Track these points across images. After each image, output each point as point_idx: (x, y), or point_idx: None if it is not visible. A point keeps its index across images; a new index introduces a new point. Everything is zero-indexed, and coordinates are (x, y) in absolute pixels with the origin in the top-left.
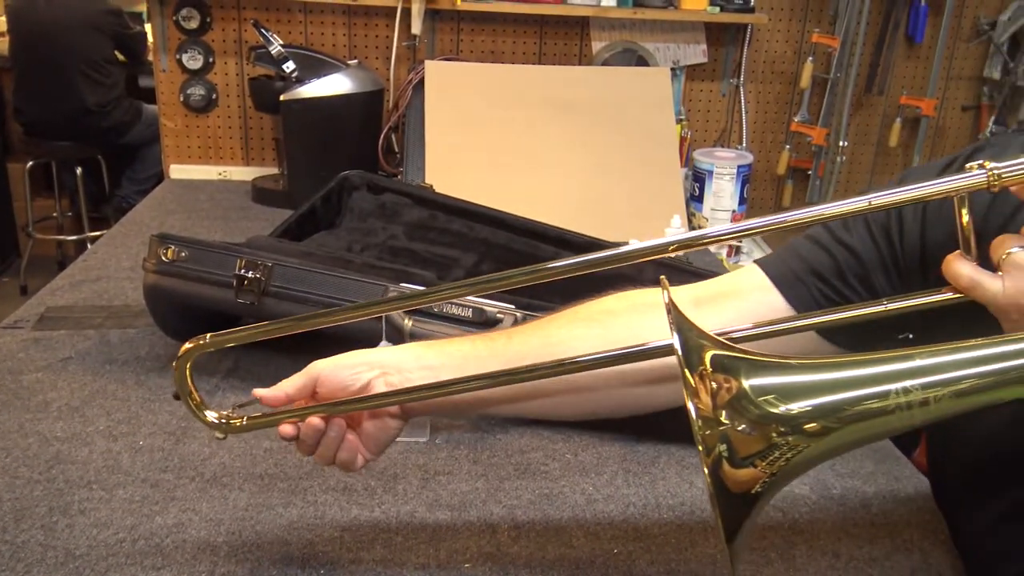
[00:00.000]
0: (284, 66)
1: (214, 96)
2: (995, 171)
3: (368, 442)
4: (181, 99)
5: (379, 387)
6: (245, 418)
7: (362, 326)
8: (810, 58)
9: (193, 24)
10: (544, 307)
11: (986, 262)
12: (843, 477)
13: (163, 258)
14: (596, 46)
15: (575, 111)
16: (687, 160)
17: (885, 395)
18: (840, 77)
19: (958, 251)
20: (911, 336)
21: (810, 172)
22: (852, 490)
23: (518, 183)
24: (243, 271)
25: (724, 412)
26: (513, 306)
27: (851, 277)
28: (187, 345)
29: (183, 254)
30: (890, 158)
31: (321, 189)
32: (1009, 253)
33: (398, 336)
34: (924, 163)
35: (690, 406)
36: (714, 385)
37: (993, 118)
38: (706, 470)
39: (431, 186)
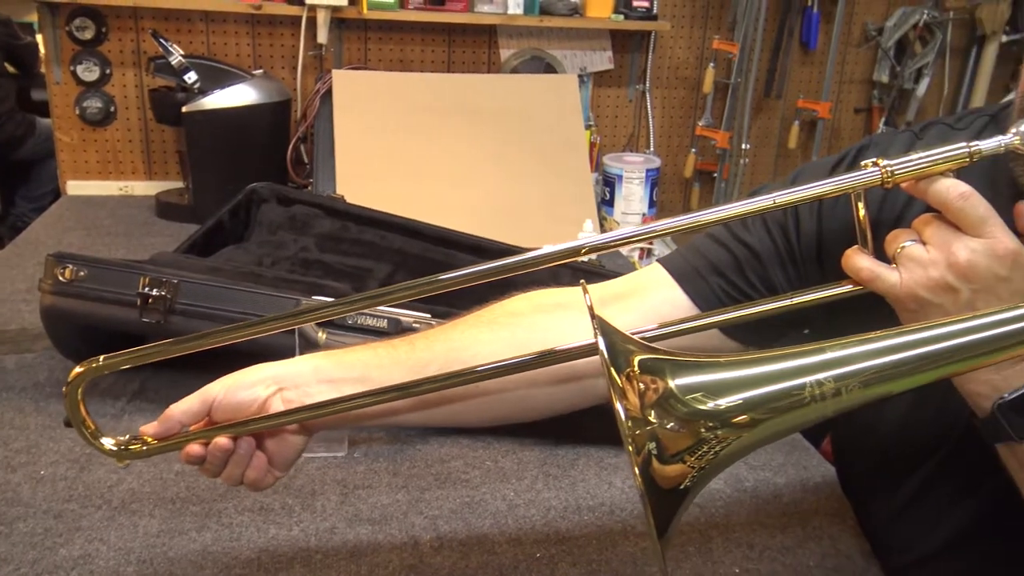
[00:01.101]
0: (185, 77)
1: (112, 108)
2: (888, 168)
3: (274, 459)
4: (77, 112)
5: (277, 405)
6: (144, 444)
7: (275, 341)
8: (712, 64)
9: (88, 34)
10: (460, 314)
11: (881, 255)
12: (755, 470)
13: (60, 278)
14: (504, 54)
15: (486, 119)
16: (597, 165)
17: (801, 388)
18: (740, 82)
19: (857, 246)
20: (806, 332)
21: (715, 174)
22: (764, 482)
23: (431, 192)
24: (147, 289)
25: (652, 412)
26: (429, 315)
27: (751, 273)
28: (77, 369)
29: (82, 273)
30: (790, 159)
31: (228, 202)
32: (903, 247)
33: (313, 350)
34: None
35: (618, 407)
36: (641, 386)
37: (884, 119)
38: (636, 469)
39: (342, 197)
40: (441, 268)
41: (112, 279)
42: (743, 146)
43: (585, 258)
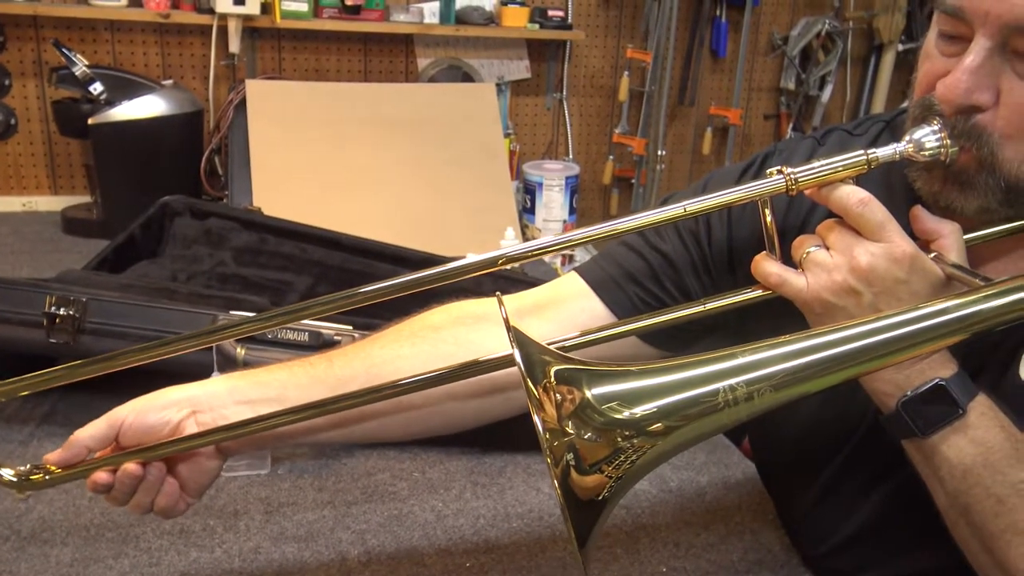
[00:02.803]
0: (91, 88)
1: (13, 121)
2: (792, 175)
3: (186, 485)
4: None
5: (191, 428)
6: (47, 473)
7: (192, 358)
8: (626, 72)
9: None
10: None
11: (788, 260)
12: (679, 469)
13: None
14: (422, 63)
15: (404, 128)
16: (517, 173)
17: (715, 393)
18: (655, 90)
19: (765, 251)
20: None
21: (633, 180)
22: (688, 481)
23: (350, 202)
24: (54, 308)
25: (570, 422)
26: (351, 327)
27: (666, 281)
28: None
29: None
30: (704, 165)
31: (140, 216)
32: (808, 252)
33: (232, 366)
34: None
35: (536, 419)
36: (558, 397)
37: (791, 125)
38: (556, 482)
39: (259, 209)
40: (363, 279)
41: (16, 299)
42: (659, 152)
43: (508, 267)
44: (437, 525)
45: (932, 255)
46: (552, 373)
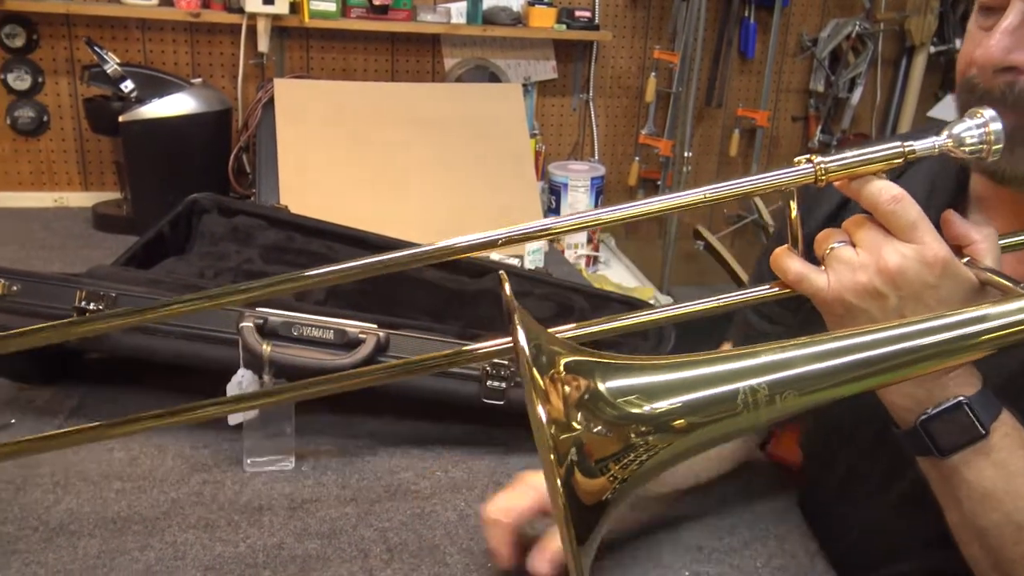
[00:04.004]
0: (122, 85)
1: (45, 118)
2: (822, 165)
3: None
4: (8, 122)
5: None
6: None
7: (218, 354)
8: (653, 73)
9: (18, 42)
10: (407, 324)
11: (812, 257)
12: None
13: None
14: (448, 63)
15: (430, 128)
16: (542, 174)
17: (734, 394)
18: (682, 91)
19: (787, 245)
20: None
21: (659, 182)
22: (711, 484)
23: (376, 201)
24: (83, 303)
25: (579, 414)
26: (376, 325)
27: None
28: None
29: (15, 288)
30: (731, 167)
31: (168, 213)
32: (832, 248)
33: (256, 363)
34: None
35: (540, 411)
36: (567, 389)
37: (820, 127)
38: (558, 480)
39: (286, 207)
40: (387, 277)
41: (47, 293)
42: (685, 154)
43: (531, 266)
44: (459, 524)
45: (965, 260)
46: (562, 363)
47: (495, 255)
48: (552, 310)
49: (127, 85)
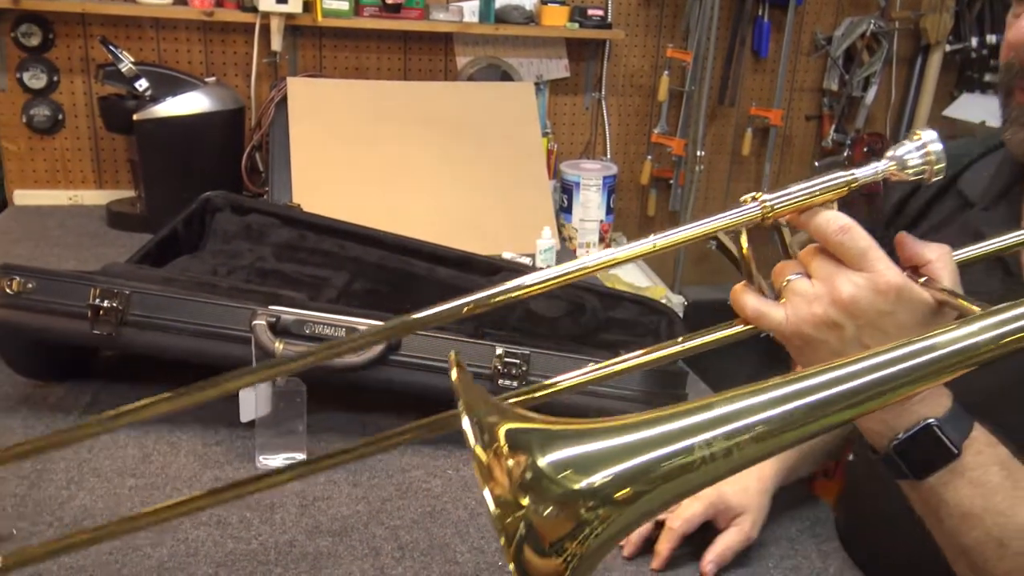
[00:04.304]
0: (136, 84)
1: (60, 116)
2: (767, 203)
3: None
4: (24, 120)
5: None
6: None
7: (230, 352)
8: (666, 72)
9: (34, 41)
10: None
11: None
12: None
13: (8, 290)
14: (461, 61)
15: (443, 126)
16: (555, 172)
17: (690, 450)
18: (694, 90)
19: (743, 282)
20: None
21: (671, 181)
22: None
23: (388, 200)
24: (98, 300)
25: (526, 496)
26: (384, 323)
27: None
28: None
29: (30, 285)
30: (744, 166)
31: (182, 211)
32: (788, 280)
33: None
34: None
35: (486, 493)
36: (511, 463)
37: (834, 126)
38: (511, 564)
39: (299, 205)
40: (400, 276)
41: (62, 291)
42: (698, 153)
43: (542, 265)
44: (470, 523)
45: (923, 279)
46: (502, 435)
47: (507, 253)
48: (563, 309)
49: (141, 84)
